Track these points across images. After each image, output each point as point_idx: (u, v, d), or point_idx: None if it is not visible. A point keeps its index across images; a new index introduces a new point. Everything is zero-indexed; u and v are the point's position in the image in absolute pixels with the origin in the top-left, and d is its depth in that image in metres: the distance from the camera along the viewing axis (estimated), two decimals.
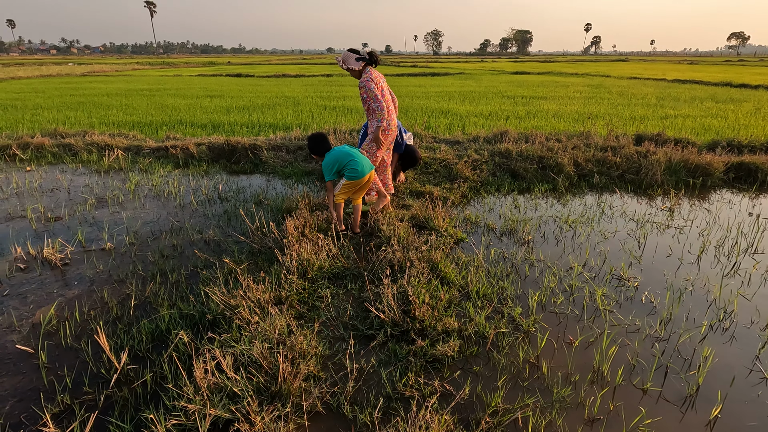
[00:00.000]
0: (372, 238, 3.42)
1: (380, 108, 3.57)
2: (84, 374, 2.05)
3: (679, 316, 2.53)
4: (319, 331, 2.33)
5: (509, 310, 2.53)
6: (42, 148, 6.21)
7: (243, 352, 2.04)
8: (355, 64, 3.64)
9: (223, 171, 5.55)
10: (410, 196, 4.35)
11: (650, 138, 6.19)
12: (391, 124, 3.74)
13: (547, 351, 2.22)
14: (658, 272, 3.05)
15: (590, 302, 2.65)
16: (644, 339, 2.32)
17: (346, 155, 3.35)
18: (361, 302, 2.61)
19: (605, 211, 4.18)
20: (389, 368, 2.08)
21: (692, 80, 18.58)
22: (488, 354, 2.20)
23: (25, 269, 3.02)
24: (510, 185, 4.87)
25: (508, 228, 3.73)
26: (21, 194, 4.57)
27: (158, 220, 3.89)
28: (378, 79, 3.67)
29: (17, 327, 2.39)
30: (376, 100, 3.56)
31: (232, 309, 2.38)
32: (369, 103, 3.61)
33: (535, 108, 10.06)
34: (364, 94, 3.63)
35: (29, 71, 25.80)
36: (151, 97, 12.38)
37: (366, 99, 3.63)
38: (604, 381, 2.03)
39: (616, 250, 3.37)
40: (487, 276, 2.92)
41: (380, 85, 3.66)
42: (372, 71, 3.67)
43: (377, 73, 3.71)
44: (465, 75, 22.85)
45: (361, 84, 3.64)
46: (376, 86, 3.60)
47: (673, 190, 4.74)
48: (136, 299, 2.65)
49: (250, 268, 2.91)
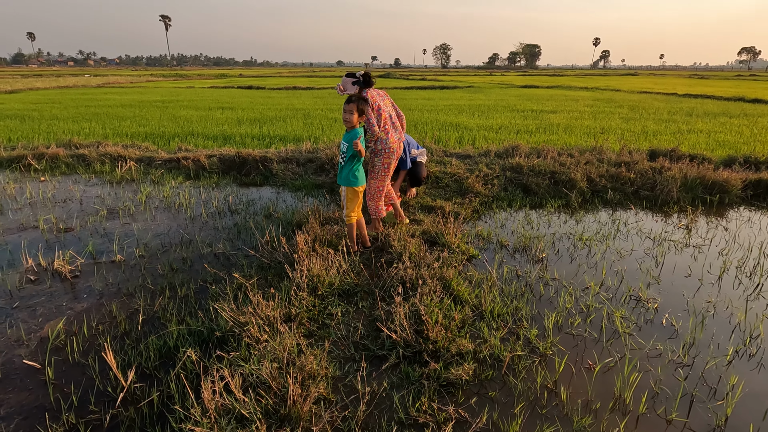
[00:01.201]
0: (383, 254, 3.37)
1: (372, 132, 3.47)
2: (90, 392, 2.02)
3: (703, 341, 2.43)
4: (329, 350, 2.27)
5: (525, 332, 2.45)
6: (56, 158, 6.29)
7: (252, 372, 1.99)
8: (351, 89, 3.56)
9: (234, 183, 5.56)
10: (421, 211, 4.30)
11: (664, 153, 6.11)
12: (391, 143, 3.57)
13: (566, 376, 2.14)
14: (678, 293, 2.95)
15: (609, 324, 2.57)
16: (667, 365, 2.23)
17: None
18: (372, 320, 2.55)
19: (620, 228, 4.10)
20: (402, 391, 2.02)
21: (704, 95, 18.45)
22: (504, 378, 2.12)
23: (36, 281, 3.02)
24: (522, 200, 4.81)
25: (521, 245, 3.66)
26: (34, 204, 4.60)
27: (168, 233, 3.88)
28: (375, 99, 3.55)
29: (25, 341, 2.37)
30: (368, 123, 3.46)
31: (242, 326, 2.34)
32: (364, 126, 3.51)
33: (545, 122, 10.02)
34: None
35: (47, 82, 26.44)
36: (164, 109, 12.56)
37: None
38: (626, 410, 1.94)
39: (633, 269, 3.29)
40: (501, 295, 2.85)
41: (377, 105, 3.52)
42: (369, 92, 3.54)
43: (375, 93, 3.58)
44: (474, 88, 22.93)
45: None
46: (372, 108, 3.49)
47: (690, 207, 4.64)
48: (144, 314, 2.62)
49: (260, 284, 2.87)
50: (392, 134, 3.57)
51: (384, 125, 3.53)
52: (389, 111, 3.64)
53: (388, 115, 3.60)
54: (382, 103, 3.58)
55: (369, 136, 3.52)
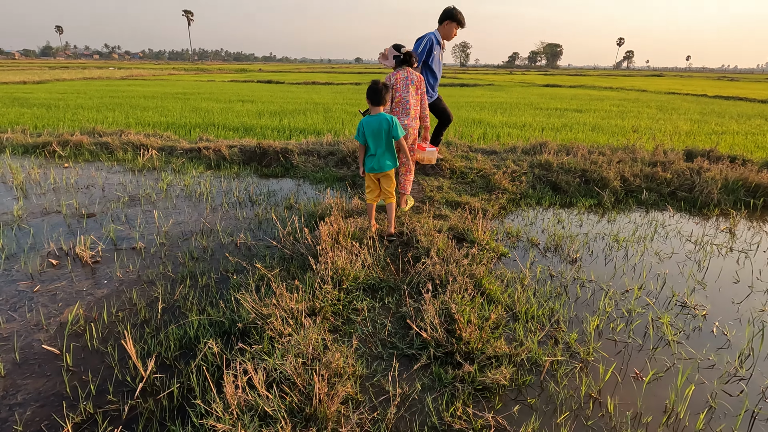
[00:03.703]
0: (409, 248, 3.24)
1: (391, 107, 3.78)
2: (109, 381, 1.94)
3: (761, 353, 2.23)
4: (356, 348, 2.15)
5: (563, 336, 2.29)
6: (80, 145, 6.33)
7: (276, 367, 1.88)
8: (391, 62, 3.80)
9: (254, 174, 5.49)
10: (446, 206, 4.15)
11: (702, 154, 5.81)
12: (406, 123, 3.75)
13: (611, 385, 1.98)
14: (726, 300, 2.75)
15: (654, 330, 2.39)
16: (722, 377, 2.05)
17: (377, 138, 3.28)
18: (400, 317, 2.42)
19: (658, 229, 3.88)
20: (434, 394, 1.88)
21: (735, 97, 17.77)
22: (543, 384, 1.97)
23: (57, 265, 2.98)
24: (551, 198, 4.61)
25: (553, 244, 3.48)
26: (58, 190, 4.61)
27: (189, 221, 3.82)
28: (398, 81, 3.71)
29: (44, 326, 2.31)
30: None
31: (264, 318, 2.24)
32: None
33: (570, 120, 9.73)
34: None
35: (73, 74, 27.02)
36: (185, 101, 12.64)
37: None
38: (681, 426, 1.77)
39: (675, 273, 3.08)
40: (535, 295, 2.69)
41: (396, 88, 3.72)
42: (399, 72, 3.73)
43: (404, 74, 3.72)
44: (494, 87, 22.56)
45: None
46: (394, 88, 3.73)
47: (732, 210, 4.38)
48: (164, 302, 2.54)
49: (282, 275, 2.77)
50: (401, 118, 3.75)
51: (395, 108, 3.76)
52: (405, 96, 3.73)
53: (402, 99, 3.73)
54: (402, 87, 3.72)
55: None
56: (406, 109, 3.73)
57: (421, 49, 4.24)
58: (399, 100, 3.71)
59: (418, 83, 3.73)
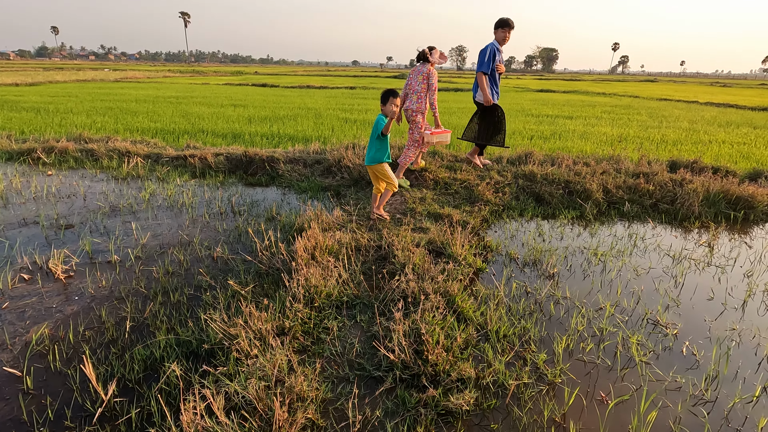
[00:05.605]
0: (385, 263, 3.23)
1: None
2: (67, 406, 1.91)
3: (727, 375, 2.24)
4: (321, 369, 2.14)
5: (532, 356, 2.29)
6: (65, 152, 6.29)
7: (237, 391, 1.87)
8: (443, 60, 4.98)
9: (239, 182, 5.47)
10: (428, 219, 4.15)
11: (686, 165, 5.85)
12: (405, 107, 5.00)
13: (575, 409, 1.98)
14: (699, 318, 2.76)
15: (624, 351, 2.39)
16: (687, 401, 2.05)
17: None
18: (370, 336, 2.41)
19: (637, 243, 3.89)
20: (396, 419, 1.87)
21: (726, 103, 17.91)
22: (508, 408, 1.96)
23: (29, 280, 2.95)
24: (534, 210, 4.62)
25: (532, 258, 3.48)
26: (38, 199, 4.57)
27: (168, 233, 3.80)
28: (412, 72, 4.96)
29: (9, 345, 2.28)
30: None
31: (231, 338, 2.22)
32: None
33: (560, 128, 9.77)
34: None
35: (67, 75, 26.89)
36: (177, 105, 12.60)
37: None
38: None
39: (651, 289, 3.09)
40: (509, 314, 2.69)
41: (411, 77, 4.96)
42: (416, 66, 4.97)
43: (418, 69, 4.89)
44: None
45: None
46: (408, 78, 5.01)
47: (712, 224, 4.41)
48: (133, 321, 2.52)
49: (255, 291, 2.75)
50: (407, 102, 4.98)
51: (408, 92, 4.98)
52: (412, 84, 4.94)
53: (408, 85, 4.99)
54: (412, 77, 4.95)
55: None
56: (407, 94, 4.96)
57: (486, 58, 5.04)
58: (411, 89, 4.92)
59: (425, 75, 4.81)
